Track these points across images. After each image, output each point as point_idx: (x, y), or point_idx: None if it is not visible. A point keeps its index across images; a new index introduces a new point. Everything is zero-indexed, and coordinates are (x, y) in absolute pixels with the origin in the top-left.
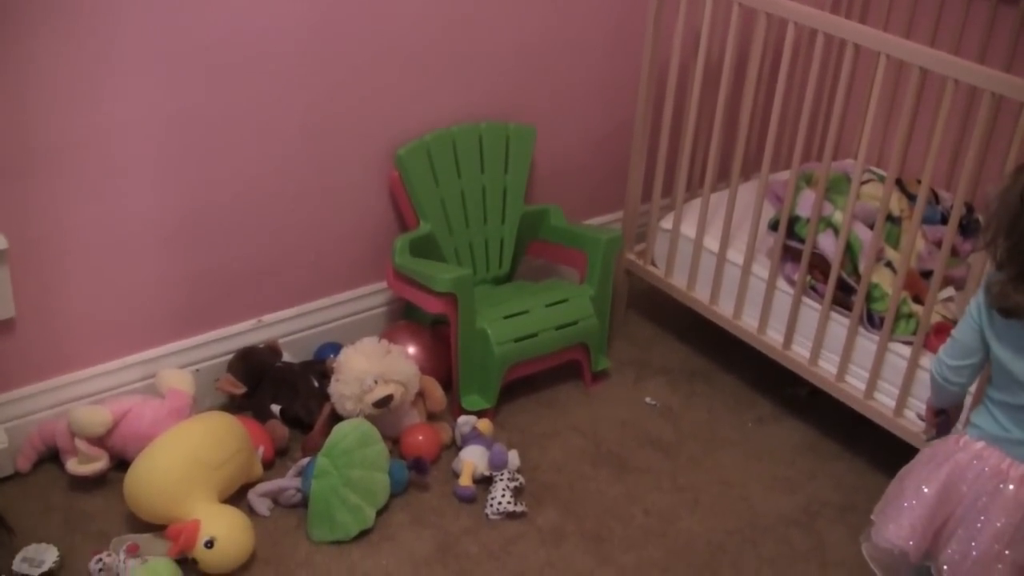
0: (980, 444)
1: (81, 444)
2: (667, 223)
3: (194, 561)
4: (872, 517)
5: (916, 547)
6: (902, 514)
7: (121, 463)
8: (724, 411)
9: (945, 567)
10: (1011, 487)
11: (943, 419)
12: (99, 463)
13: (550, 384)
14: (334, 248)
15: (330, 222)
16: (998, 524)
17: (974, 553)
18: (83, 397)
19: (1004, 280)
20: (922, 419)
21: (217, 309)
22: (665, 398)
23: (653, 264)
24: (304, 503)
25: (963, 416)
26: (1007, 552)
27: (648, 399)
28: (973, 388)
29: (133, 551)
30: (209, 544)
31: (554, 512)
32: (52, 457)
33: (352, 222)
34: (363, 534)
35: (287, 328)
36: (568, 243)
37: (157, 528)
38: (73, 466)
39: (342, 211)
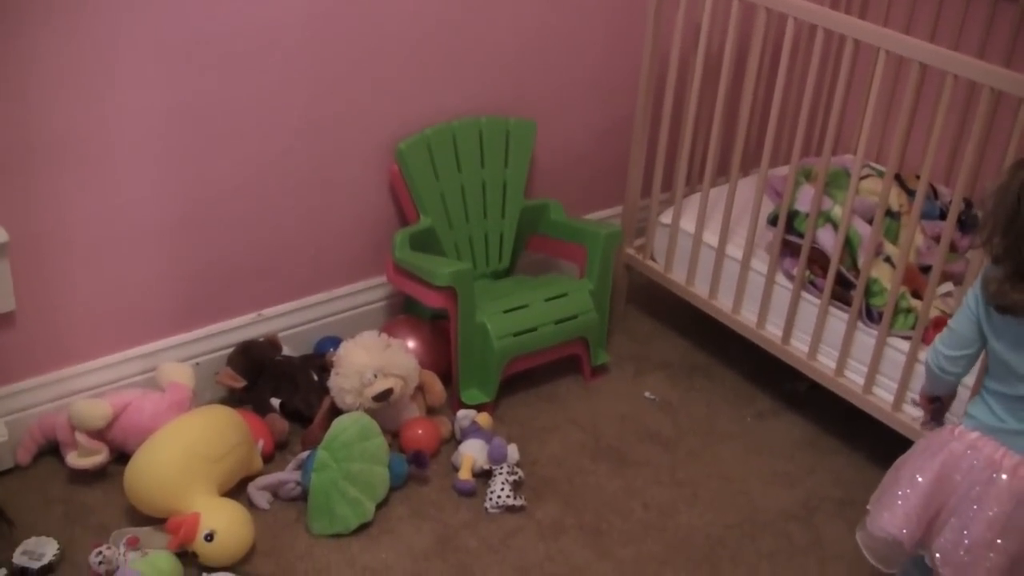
0: (975, 434)
1: (81, 437)
2: (666, 218)
3: (194, 554)
4: (868, 506)
5: (910, 536)
6: (896, 503)
7: (121, 456)
8: (723, 405)
9: (938, 555)
10: (1004, 477)
11: (937, 406)
12: (99, 456)
13: (549, 378)
14: (334, 242)
15: (330, 216)
16: (991, 513)
17: (967, 542)
18: (83, 390)
19: (1001, 278)
20: (917, 404)
21: (217, 303)
22: (664, 392)
23: (652, 259)
24: (304, 496)
25: (961, 408)
26: (999, 541)
27: (647, 393)
28: (971, 382)
29: (133, 544)
30: (209, 537)
31: (553, 506)
32: (52, 450)
33: (352, 216)
34: (363, 527)
35: (287, 322)
36: (568, 238)
37: (157, 521)
38: (73, 459)
39: (342, 205)
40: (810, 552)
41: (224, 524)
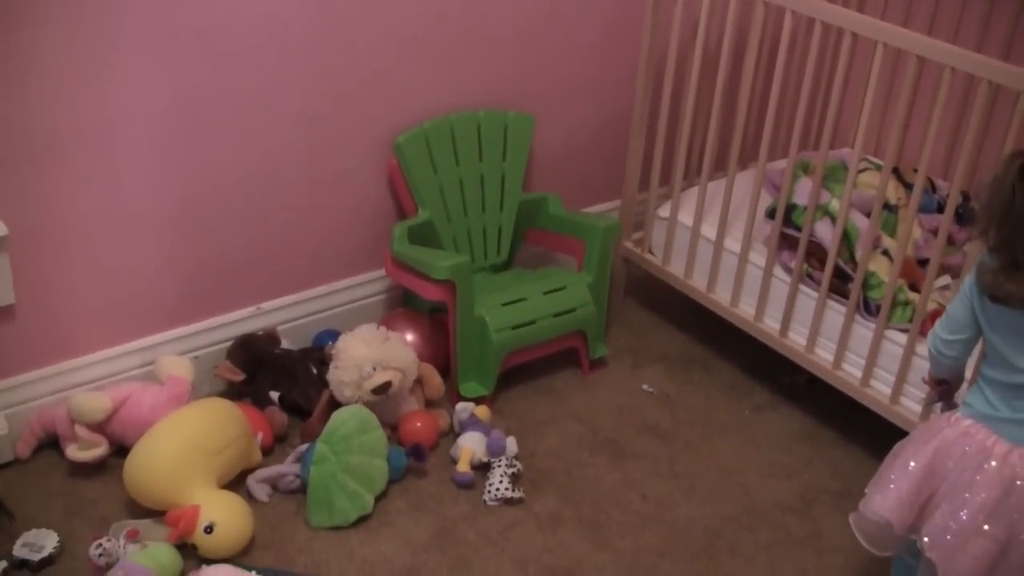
0: (968, 422)
1: (81, 430)
2: (665, 211)
3: (193, 546)
4: (866, 490)
5: (901, 519)
6: (889, 487)
7: (121, 449)
8: (721, 398)
9: (926, 539)
10: (994, 464)
11: (945, 388)
12: (99, 449)
13: (548, 371)
14: (333, 235)
15: (329, 209)
16: (979, 499)
17: (954, 526)
18: (83, 384)
19: (996, 268)
20: (926, 382)
21: (216, 296)
22: (662, 385)
23: (651, 252)
24: (303, 489)
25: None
26: (987, 527)
27: (645, 386)
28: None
29: (133, 536)
30: (208, 529)
31: (552, 498)
32: (52, 443)
33: (351, 209)
34: (362, 520)
35: (286, 315)
36: (566, 231)
37: (157, 514)
38: (73, 452)
39: (341, 198)
40: (808, 544)
41: (223, 516)
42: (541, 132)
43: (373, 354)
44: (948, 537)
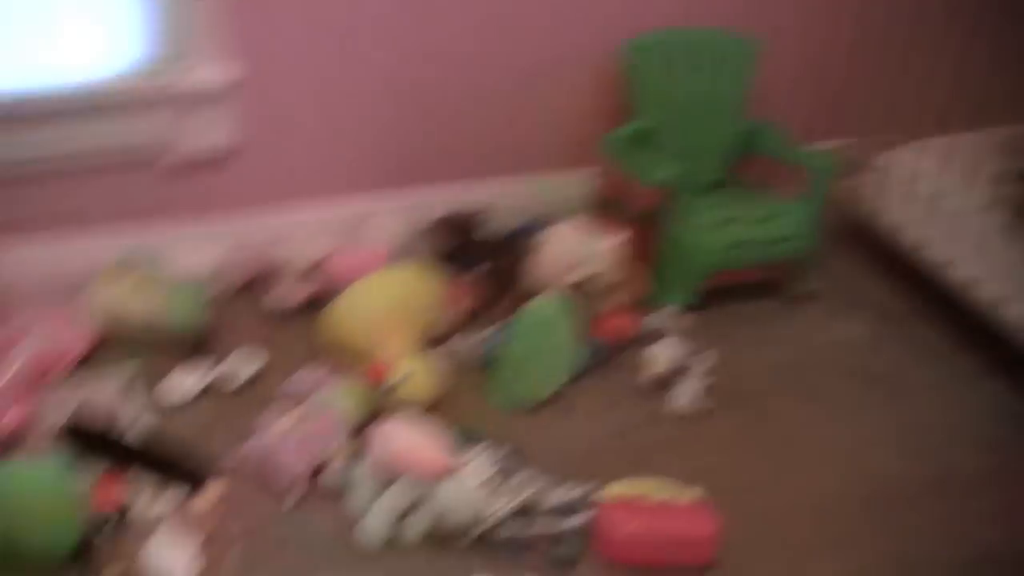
0: None
1: (288, 276)
2: (888, 159)
3: (386, 392)
4: None
5: None
6: None
7: (319, 301)
8: (923, 358)
9: None
10: None
11: None
12: (303, 294)
13: (751, 297)
14: (552, 128)
15: (550, 103)
16: None
17: None
18: (296, 230)
19: None
20: None
21: (430, 169)
22: (862, 334)
23: (868, 198)
24: (492, 365)
25: None
26: None
27: (844, 331)
28: None
29: (326, 378)
30: (399, 382)
31: (735, 419)
32: (259, 283)
33: (572, 106)
34: (543, 405)
35: (496, 198)
36: (788, 160)
37: (352, 362)
38: (278, 294)
39: (563, 93)
40: (995, 516)
41: (414, 372)
42: (772, 59)
43: (579, 248)
44: None
